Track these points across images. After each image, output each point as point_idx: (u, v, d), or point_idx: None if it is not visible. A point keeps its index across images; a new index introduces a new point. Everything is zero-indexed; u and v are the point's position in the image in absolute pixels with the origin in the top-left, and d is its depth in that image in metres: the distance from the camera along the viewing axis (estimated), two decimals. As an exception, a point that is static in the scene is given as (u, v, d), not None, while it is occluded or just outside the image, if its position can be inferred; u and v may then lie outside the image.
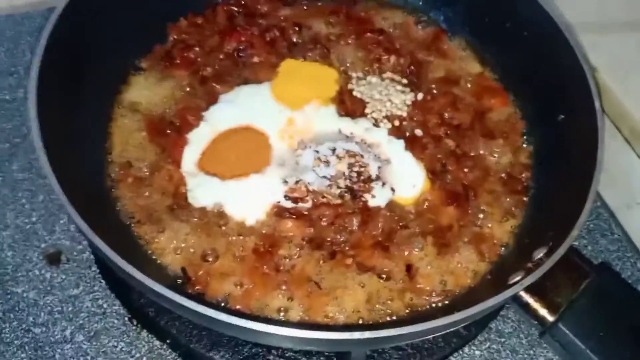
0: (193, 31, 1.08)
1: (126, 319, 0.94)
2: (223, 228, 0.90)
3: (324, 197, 0.91)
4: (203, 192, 0.93)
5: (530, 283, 0.76)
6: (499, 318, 0.97)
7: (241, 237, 0.89)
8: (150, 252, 0.88)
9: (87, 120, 0.95)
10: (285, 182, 0.93)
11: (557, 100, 0.99)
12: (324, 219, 0.91)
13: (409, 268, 0.89)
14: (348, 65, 1.07)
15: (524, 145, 1.01)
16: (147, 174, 0.94)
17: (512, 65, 1.07)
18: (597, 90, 0.92)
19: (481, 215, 0.94)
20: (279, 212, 0.91)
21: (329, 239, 0.90)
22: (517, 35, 1.06)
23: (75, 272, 0.97)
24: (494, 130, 1.02)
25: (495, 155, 0.99)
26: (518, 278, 0.79)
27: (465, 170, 0.97)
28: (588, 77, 0.93)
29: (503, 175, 0.98)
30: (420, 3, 1.16)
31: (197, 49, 1.06)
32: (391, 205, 0.93)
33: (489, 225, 0.93)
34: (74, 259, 0.98)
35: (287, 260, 0.88)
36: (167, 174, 0.94)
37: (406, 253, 0.90)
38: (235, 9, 1.12)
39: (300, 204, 0.91)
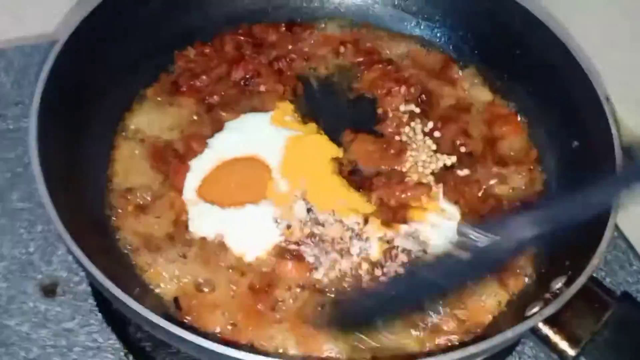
0: (200, 60, 1.07)
1: (122, 354, 0.89)
2: (221, 261, 0.86)
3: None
4: (204, 221, 0.90)
5: (549, 314, 0.72)
6: (514, 354, 0.92)
7: (238, 272, 0.86)
8: (147, 280, 0.84)
9: (90, 148, 0.93)
10: (277, 222, 0.90)
11: (571, 126, 0.97)
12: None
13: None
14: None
15: (538, 173, 0.98)
16: (149, 201, 0.91)
17: (523, 92, 1.05)
18: (613, 115, 0.89)
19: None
20: (280, 252, 0.87)
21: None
22: (528, 62, 1.04)
23: (71, 304, 0.93)
24: (507, 158, 0.99)
25: (509, 183, 0.96)
26: (536, 309, 0.75)
27: (480, 197, 0.94)
28: (603, 103, 0.91)
29: (517, 203, 0.94)
30: (429, 31, 1.14)
31: (204, 77, 1.04)
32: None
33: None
34: (71, 290, 0.94)
35: (284, 302, 0.84)
36: (169, 202, 0.91)
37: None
38: (243, 38, 1.11)
39: (303, 248, 0.88)
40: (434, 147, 0.99)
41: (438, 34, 1.15)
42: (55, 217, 0.77)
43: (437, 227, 0.90)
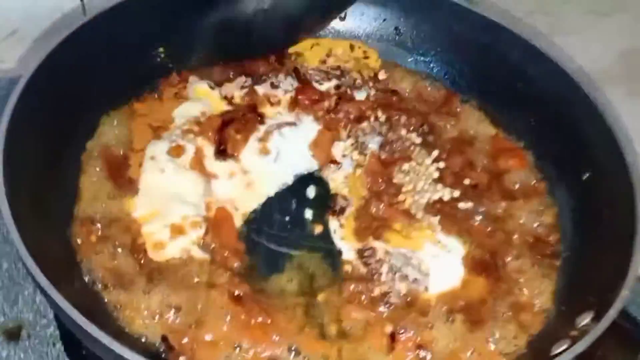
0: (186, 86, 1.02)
1: (93, 407, 0.79)
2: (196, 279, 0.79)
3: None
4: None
5: (579, 352, 0.64)
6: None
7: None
8: (124, 320, 0.75)
9: (59, 180, 0.87)
10: None
11: (580, 157, 0.92)
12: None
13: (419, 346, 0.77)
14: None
15: (548, 207, 0.92)
16: (107, 226, 0.83)
17: (527, 124, 1.00)
18: (628, 143, 0.84)
19: (514, 283, 0.83)
20: None
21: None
22: (530, 94, 1.00)
23: (37, 350, 0.83)
24: (514, 191, 0.93)
25: (518, 217, 0.90)
26: (563, 348, 0.67)
27: (488, 231, 0.88)
28: (614, 131, 0.86)
29: (529, 238, 0.88)
30: (425, 67, 1.11)
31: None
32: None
33: (525, 293, 0.82)
34: (37, 334, 0.84)
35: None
36: (124, 225, 0.84)
37: (419, 338, 0.78)
38: (233, 71, 1.06)
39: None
40: (435, 175, 0.94)
41: (435, 69, 1.11)
42: (23, 251, 0.70)
43: (438, 259, 0.85)
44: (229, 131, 0.97)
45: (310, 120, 1.01)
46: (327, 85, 1.06)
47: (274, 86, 1.05)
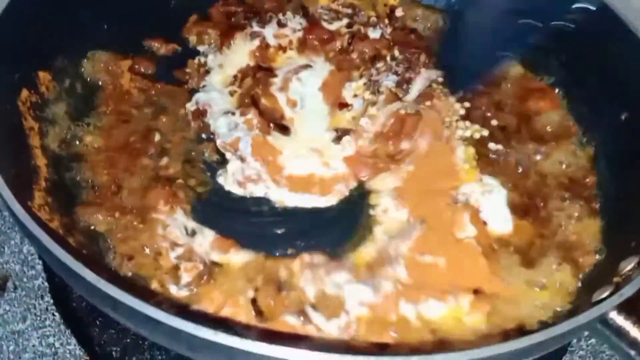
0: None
1: (83, 361, 0.73)
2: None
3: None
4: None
5: (627, 297, 0.57)
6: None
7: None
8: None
9: None
10: None
11: (617, 97, 0.83)
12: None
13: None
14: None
15: (583, 148, 0.84)
16: None
17: (558, 64, 0.92)
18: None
19: (558, 224, 0.77)
20: None
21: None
22: (562, 31, 0.91)
23: (23, 302, 0.77)
24: (545, 133, 0.86)
25: (551, 159, 0.83)
26: (606, 294, 0.60)
27: (520, 172, 0.82)
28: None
29: (564, 180, 0.81)
30: (451, 2, 1.02)
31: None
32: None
33: (572, 231, 0.76)
34: (24, 286, 0.79)
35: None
36: None
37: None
38: (234, 8, 0.99)
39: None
40: (462, 112, 0.87)
41: (456, 6, 1.02)
42: (8, 195, 0.65)
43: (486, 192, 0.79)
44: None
45: (322, 61, 0.94)
46: (337, 25, 0.99)
47: (281, 24, 0.97)
